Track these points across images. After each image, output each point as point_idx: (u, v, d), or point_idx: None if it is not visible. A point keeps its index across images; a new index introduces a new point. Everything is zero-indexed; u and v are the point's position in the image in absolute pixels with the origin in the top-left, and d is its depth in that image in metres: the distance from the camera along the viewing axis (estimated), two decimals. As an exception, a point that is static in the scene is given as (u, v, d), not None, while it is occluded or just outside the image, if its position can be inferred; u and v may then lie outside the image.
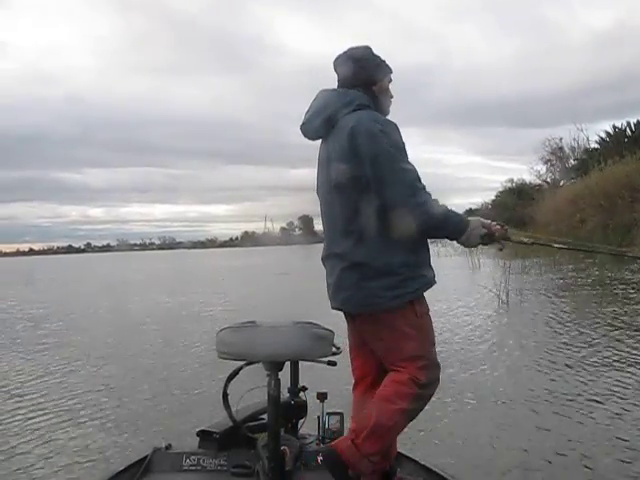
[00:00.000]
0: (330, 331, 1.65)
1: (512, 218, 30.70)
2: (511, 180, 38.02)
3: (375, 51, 1.90)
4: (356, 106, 1.77)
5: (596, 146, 27.86)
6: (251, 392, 2.08)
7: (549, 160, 32.98)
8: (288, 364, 1.99)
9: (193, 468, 2.13)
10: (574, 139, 30.50)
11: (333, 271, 1.80)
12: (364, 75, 1.82)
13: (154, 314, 9.01)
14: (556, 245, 2.16)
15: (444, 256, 22.01)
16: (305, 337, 1.61)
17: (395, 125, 1.77)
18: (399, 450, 2.26)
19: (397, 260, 1.72)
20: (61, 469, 2.83)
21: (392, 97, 1.92)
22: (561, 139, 31.75)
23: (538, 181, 34.10)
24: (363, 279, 1.71)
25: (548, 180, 33.25)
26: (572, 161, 30.84)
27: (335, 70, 1.89)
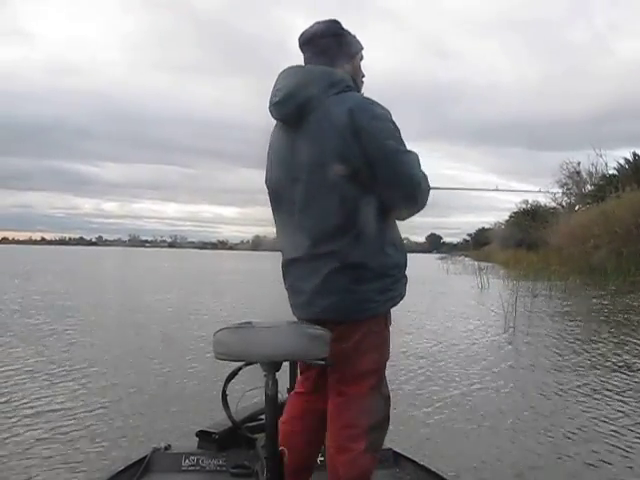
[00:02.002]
0: (326, 331, 1.56)
1: (525, 240, 30.59)
2: (526, 202, 37.91)
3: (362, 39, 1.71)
4: (345, 87, 1.59)
5: (614, 172, 27.64)
6: (250, 392, 2.08)
7: (565, 184, 32.76)
8: (287, 364, 1.99)
9: (192, 468, 2.15)
10: (592, 164, 30.28)
11: (314, 274, 1.59)
12: (335, 52, 1.63)
13: (161, 314, 9.03)
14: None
15: (453, 274, 21.93)
16: (301, 337, 1.54)
17: (389, 111, 1.62)
18: (397, 450, 2.28)
19: (390, 261, 1.61)
20: (59, 469, 2.80)
21: (364, 76, 1.75)
22: (579, 163, 31.56)
23: (553, 204, 33.91)
24: (357, 282, 1.56)
25: (563, 204, 33.03)
26: (589, 186, 30.60)
27: (300, 47, 1.68)
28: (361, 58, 1.73)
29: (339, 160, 1.53)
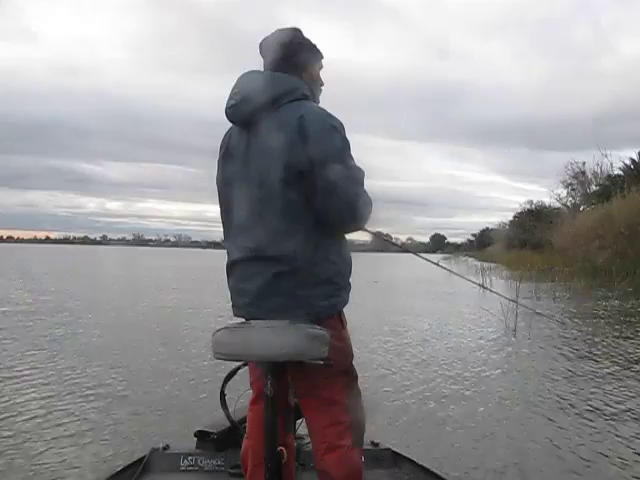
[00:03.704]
0: (326, 331, 1.57)
1: (529, 240, 30.52)
2: (530, 202, 37.89)
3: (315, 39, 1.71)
4: (301, 95, 1.63)
5: (619, 173, 27.52)
6: (248, 392, 2.07)
7: (570, 184, 32.69)
8: None
9: (191, 468, 2.15)
10: (597, 164, 30.18)
11: (258, 276, 1.62)
12: (294, 60, 1.67)
13: (167, 313, 9.02)
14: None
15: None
16: (300, 337, 1.54)
17: (343, 124, 1.64)
18: (396, 450, 2.29)
19: (335, 268, 1.65)
20: (57, 469, 2.80)
21: (322, 85, 1.77)
22: (584, 163, 31.48)
23: (558, 205, 33.86)
24: (300, 286, 1.59)
25: (568, 204, 32.93)
26: (594, 186, 30.48)
27: (261, 53, 1.72)
28: (320, 67, 1.76)
29: (286, 166, 1.55)
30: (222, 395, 2.18)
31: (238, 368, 2.10)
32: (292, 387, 1.76)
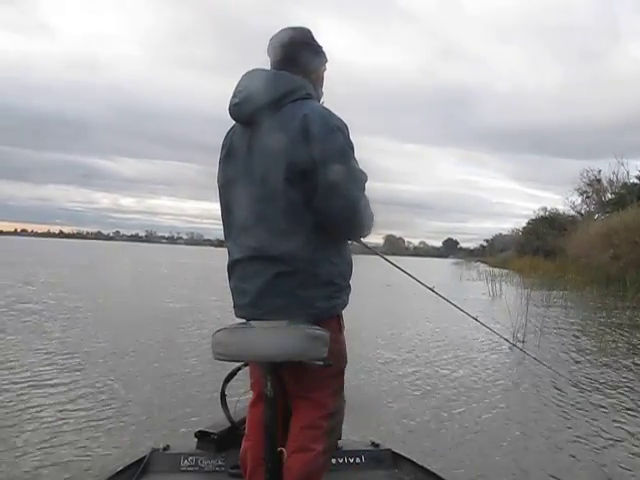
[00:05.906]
0: (325, 331, 1.54)
1: (542, 247, 30.25)
2: (544, 209, 37.59)
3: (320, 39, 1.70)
4: (305, 94, 1.61)
5: (635, 181, 27.16)
6: (249, 393, 2.05)
7: (585, 192, 32.37)
8: None
9: (191, 469, 2.14)
10: (613, 172, 29.89)
11: (258, 275, 1.60)
12: (303, 61, 1.65)
13: (161, 312, 9.02)
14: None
15: (466, 280, 21.68)
16: (300, 338, 1.52)
17: (347, 125, 1.62)
18: (396, 451, 2.27)
19: (336, 269, 1.63)
20: (58, 469, 2.79)
21: (321, 86, 1.77)
22: (600, 171, 31.17)
23: (572, 212, 33.55)
24: (301, 287, 1.58)
25: (582, 212, 32.58)
26: (609, 195, 30.13)
27: (268, 51, 1.68)
28: (324, 69, 1.76)
29: (289, 165, 1.53)
30: (222, 396, 2.17)
31: (238, 369, 2.10)
32: (283, 388, 1.73)
